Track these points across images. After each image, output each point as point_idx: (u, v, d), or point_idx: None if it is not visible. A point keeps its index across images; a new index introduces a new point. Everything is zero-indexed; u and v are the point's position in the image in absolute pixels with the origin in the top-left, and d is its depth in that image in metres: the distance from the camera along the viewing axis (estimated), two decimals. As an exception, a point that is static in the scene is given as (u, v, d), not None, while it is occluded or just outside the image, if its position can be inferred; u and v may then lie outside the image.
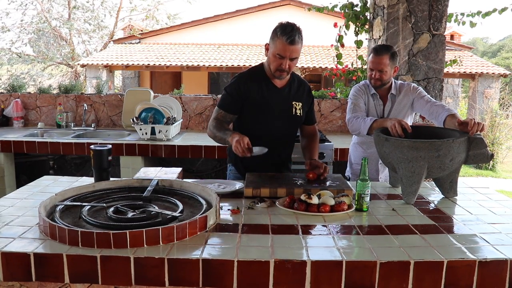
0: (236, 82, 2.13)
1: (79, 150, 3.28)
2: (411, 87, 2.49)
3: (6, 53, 15.74)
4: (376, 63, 2.39)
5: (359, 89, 2.52)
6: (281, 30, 1.96)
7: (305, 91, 2.24)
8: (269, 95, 2.12)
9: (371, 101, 2.51)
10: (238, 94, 2.11)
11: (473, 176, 8.49)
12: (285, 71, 2.03)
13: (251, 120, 2.16)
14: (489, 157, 1.81)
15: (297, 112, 2.18)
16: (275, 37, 1.98)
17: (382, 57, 2.37)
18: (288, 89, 2.17)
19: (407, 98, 2.48)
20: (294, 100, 2.17)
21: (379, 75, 2.40)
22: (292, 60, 2.00)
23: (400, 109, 2.49)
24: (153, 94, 3.94)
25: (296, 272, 1.24)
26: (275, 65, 2.01)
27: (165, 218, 1.42)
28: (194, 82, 13.11)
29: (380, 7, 3.66)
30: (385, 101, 2.51)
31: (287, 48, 1.95)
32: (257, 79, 2.13)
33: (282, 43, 1.95)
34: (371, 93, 2.50)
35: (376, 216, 1.65)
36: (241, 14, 12.70)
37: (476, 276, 1.27)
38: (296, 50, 1.98)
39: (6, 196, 1.85)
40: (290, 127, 2.24)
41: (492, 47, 31.23)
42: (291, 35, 1.93)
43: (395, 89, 2.50)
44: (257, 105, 2.12)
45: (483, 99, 11.54)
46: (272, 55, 2.01)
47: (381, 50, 2.39)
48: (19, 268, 1.27)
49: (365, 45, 4.22)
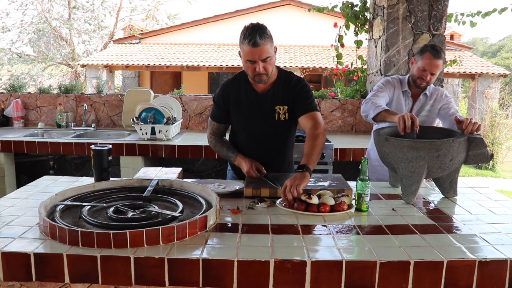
0: (220, 91, 2.14)
1: (79, 150, 3.28)
2: (443, 94, 2.43)
3: (6, 53, 15.74)
4: (432, 65, 2.28)
5: (390, 82, 2.45)
6: (243, 35, 1.89)
7: (291, 86, 2.06)
8: (249, 101, 2.07)
9: (401, 97, 2.44)
10: (223, 103, 2.11)
11: (473, 176, 8.49)
12: (263, 74, 1.94)
13: (236, 126, 2.17)
14: (489, 157, 1.81)
15: (281, 117, 2.06)
16: (240, 44, 1.92)
17: (439, 60, 2.28)
18: (271, 93, 2.06)
19: (436, 104, 2.42)
20: (277, 104, 2.06)
21: (430, 78, 2.31)
22: (265, 61, 1.90)
23: (427, 111, 2.43)
24: (153, 94, 3.94)
25: (296, 272, 1.24)
26: (250, 71, 1.95)
27: (165, 218, 1.42)
28: (194, 82, 13.12)
29: (380, 7, 3.66)
30: (415, 100, 2.45)
31: (253, 51, 1.87)
32: (238, 85, 2.09)
33: (247, 48, 1.87)
34: (403, 89, 2.43)
35: (376, 216, 1.65)
36: (241, 14, 12.70)
37: (476, 276, 1.27)
38: (263, 50, 1.87)
39: (6, 196, 1.85)
40: (276, 132, 2.12)
41: (492, 47, 31.24)
42: (251, 38, 1.84)
43: (428, 91, 2.43)
44: (239, 111, 2.09)
45: (483, 99, 11.54)
46: (244, 61, 1.95)
47: (439, 53, 2.28)
48: (19, 268, 1.27)
49: (365, 45, 4.22)
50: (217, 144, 2.19)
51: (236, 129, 2.19)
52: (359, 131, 4.02)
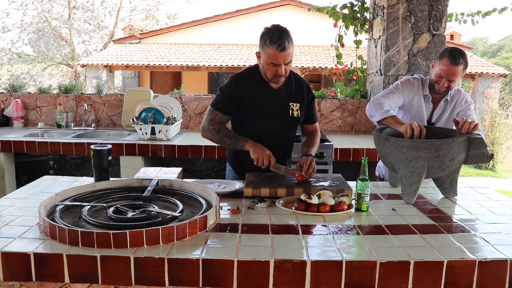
0: (232, 82, 2.10)
1: (79, 150, 3.28)
2: (463, 100, 2.31)
3: (6, 53, 15.76)
4: (449, 73, 2.13)
5: (411, 83, 2.30)
6: (269, 38, 1.90)
7: (304, 90, 2.18)
8: (265, 96, 2.09)
9: (421, 101, 2.30)
10: (235, 94, 2.08)
11: (473, 176, 8.49)
12: (283, 76, 2.00)
13: (247, 121, 2.14)
14: (489, 157, 1.81)
15: (294, 113, 2.13)
16: (264, 45, 1.93)
17: (458, 67, 2.11)
18: (285, 90, 2.12)
19: (455, 109, 2.31)
20: (291, 101, 2.13)
21: (448, 84, 2.16)
22: (287, 64, 1.96)
23: (447, 118, 2.32)
24: (153, 94, 3.94)
25: (296, 272, 1.24)
26: (271, 73, 1.98)
27: (165, 218, 1.42)
28: (194, 82, 13.12)
29: (380, 7, 3.66)
30: (435, 106, 2.32)
31: (280, 55, 1.90)
32: (253, 80, 2.10)
33: (274, 52, 1.89)
34: (424, 93, 2.29)
35: (376, 216, 1.65)
36: (241, 14, 12.71)
37: (476, 276, 1.27)
38: (289, 54, 1.93)
39: (6, 196, 1.85)
40: (287, 129, 2.19)
41: (492, 47, 31.24)
42: (281, 42, 1.87)
43: (450, 95, 2.29)
44: (253, 107, 2.09)
45: (483, 99, 11.54)
46: (266, 63, 1.96)
47: (458, 59, 2.10)
48: (19, 268, 1.27)
49: (364, 45, 4.22)
50: (222, 131, 2.09)
51: (246, 125, 2.15)
52: (359, 131, 4.02)
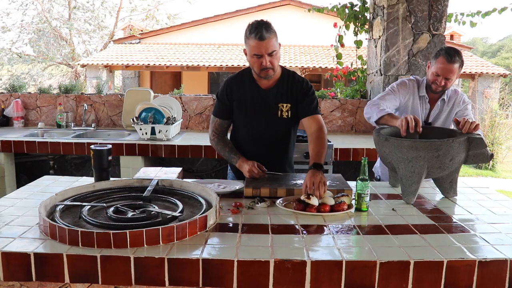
0: (223, 86, 2.15)
1: (79, 150, 3.28)
2: (461, 100, 2.32)
3: (6, 53, 15.76)
4: (446, 70, 2.15)
5: (406, 85, 2.32)
6: (249, 30, 1.94)
7: (297, 89, 2.10)
8: (252, 97, 2.09)
9: (417, 102, 2.31)
10: (227, 98, 2.13)
11: (473, 176, 8.48)
12: (269, 68, 1.97)
13: (238, 122, 2.18)
14: (489, 157, 1.81)
15: (284, 114, 2.10)
16: (246, 39, 1.96)
17: (454, 65, 2.14)
18: (275, 90, 2.09)
19: (453, 110, 2.32)
20: (281, 101, 2.09)
21: (445, 83, 2.18)
22: (271, 55, 1.95)
23: (445, 117, 2.33)
24: (153, 94, 3.94)
25: (296, 272, 1.24)
26: (257, 65, 1.98)
27: (165, 218, 1.42)
28: (194, 82, 13.12)
29: (380, 7, 3.66)
30: (432, 106, 2.33)
31: (260, 45, 1.92)
32: (243, 81, 2.12)
33: (254, 42, 1.92)
34: (420, 94, 2.31)
35: (376, 216, 1.65)
36: (241, 14, 12.70)
37: (476, 276, 1.27)
38: (270, 44, 1.92)
39: (6, 196, 1.85)
40: (278, 129, 2.15)
41: (492, 47, 31.24)
42: (258, 32, 1.90)
43: (447, 95, 2.31)
44: (242, 107, 2.11)
45: (483, 99, 11.54)
46: (250, 57, 1.98)
47: (454, 57, 2.13)
48: (19, 268, 1.27)
49: (364, 44, 4.22)
50: (219, 144, 2.19)
51: (239, 126, 2.20)
52: (359, 131, 4.02)
